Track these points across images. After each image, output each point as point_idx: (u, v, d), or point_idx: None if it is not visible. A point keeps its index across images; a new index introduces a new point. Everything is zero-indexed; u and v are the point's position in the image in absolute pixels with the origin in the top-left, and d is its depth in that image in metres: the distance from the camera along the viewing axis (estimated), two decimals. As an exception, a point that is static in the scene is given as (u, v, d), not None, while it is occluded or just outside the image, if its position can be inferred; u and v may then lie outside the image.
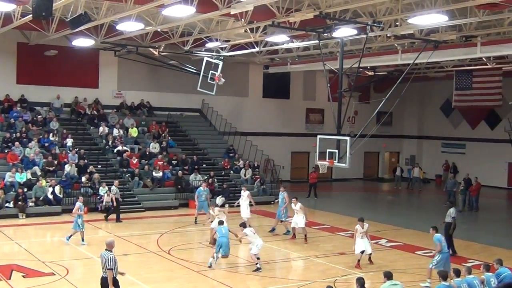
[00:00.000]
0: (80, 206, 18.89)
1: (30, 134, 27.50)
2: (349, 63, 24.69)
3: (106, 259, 11.28)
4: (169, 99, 33.72)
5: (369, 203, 32.42)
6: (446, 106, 40.31)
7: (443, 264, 14.67)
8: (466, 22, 20.41)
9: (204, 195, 23.30)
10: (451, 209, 18.71)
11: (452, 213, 18.60)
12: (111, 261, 11.22)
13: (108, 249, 11.48)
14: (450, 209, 18.76)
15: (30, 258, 16.77)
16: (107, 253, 11.39)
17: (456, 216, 18.90)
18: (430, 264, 15.06)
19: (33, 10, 14.37)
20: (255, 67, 36.71)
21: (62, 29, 23.65)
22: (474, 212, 28.53)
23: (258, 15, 20.52)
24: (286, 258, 17.97)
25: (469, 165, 37.28)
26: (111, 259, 11.24)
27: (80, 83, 31.09)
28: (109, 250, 11.48)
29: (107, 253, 11.39)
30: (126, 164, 27.79)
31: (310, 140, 32.21)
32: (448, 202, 19.47)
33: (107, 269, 11.21)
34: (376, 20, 19.94)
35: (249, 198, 22.72)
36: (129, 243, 19.07)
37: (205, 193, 23.42)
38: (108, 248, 11.50)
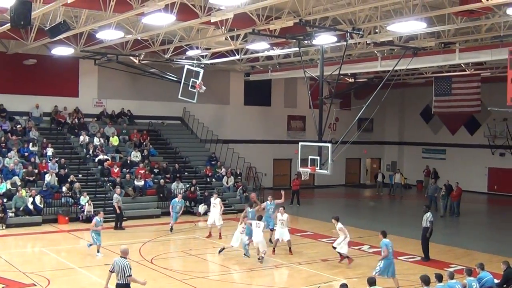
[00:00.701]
0: (96, 221, 18.59)
1: (10, 143, 27.21)
2: (330, 70, 24.82)
3: (124, 266, 11.33)
4: (150, 107, 33.61)
5: (351, 209, 32.51)
6: (426, 112, 40.67)
7: (387, 271, 14.87)
8: (445, 29, 20.65)
9: (178, 206, 22.92)
10: (427, 214, 18.72)
11: (429, 217, 18.65)
12: (128, 268, 11.34)
13: (123, 256, 11.55)
14: (426, 213, 18.75)
15: (11, 269, 16.55)
16: (123, 260, 11.44)
17: (434, 220, 18.96)
18: (374, 271, 14.95)
19: (11, 19, 14.24)
20: (236, 75, 36.75)
21: (41, 38, 23.51)
22: (455, 217, 28.74)
23: (238, 23, 20.55)
24: (270, 266, 17.93)
25: (449, 170, 37.63)
26: (128, 266, 11.36)
27: (60, 92, 30.86)
28: (124, 257, 11.54)
29: (122, 260, 11.44)
30: (107, 173, 27.60)
31: (292, 147, 32.30)
32: (424, 207, 19.40)
33: (126, 276, 11.27)
34: (356, 27, 20.08)
35: (220, 205, 22.11)
36: (111, 253, 18.88)
37: (179, 204, 23.05)
38: (123, 255, 11.57)
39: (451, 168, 38.63)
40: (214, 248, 19.93)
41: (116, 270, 11.46)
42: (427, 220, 18.64)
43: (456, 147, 39.94)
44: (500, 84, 33.06)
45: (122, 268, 11.33)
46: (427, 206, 19.46)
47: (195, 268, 17.52)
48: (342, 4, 18.02)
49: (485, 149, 38.19)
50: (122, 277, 11.33)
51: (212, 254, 19.43)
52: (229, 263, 17.90)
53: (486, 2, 14.73)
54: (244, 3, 16.89)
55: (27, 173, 25.62)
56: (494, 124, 37.62)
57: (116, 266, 11.46)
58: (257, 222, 18.05)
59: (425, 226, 18.69)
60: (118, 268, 11.42)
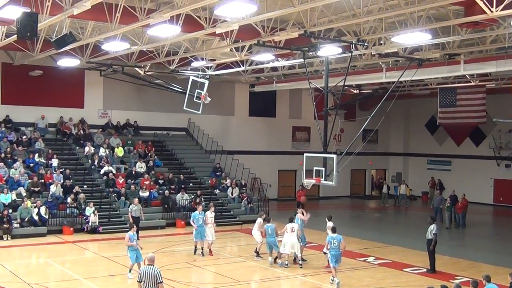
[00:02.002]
0: (130, 236, 16.97)
1: (15, 154, 27.29)
2: (335, 81, 24.82)
3: (156, 273, 11.21)
4: (155, 118, 33.69)
5: (356, 221, 32.40)
6: (431, 123, 40.58)
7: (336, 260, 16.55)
8: (449, 40, 20.67)
9: (201, 219, 20.35)
10: (432, 226, 18.61)
11: (433, 229, 18.52)
12: (160, 275, 11.25)
13: (151, 264, 11.47)
14: (431, 225, 18.65)
15: (15, 280, 16.55)
16: (152, 267, 11.36)
17: (438, 232, 18.89)
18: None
19: (18, 30, 14.34)
20: (241, 86, 36.82)
21: (47, 49, 23.64)
22: (461, 228, 28.62)
23: (243, 34, 20.64)
24: (275, 277, 17.87)
25: (455, 181, 37.52)
26: (159, 273, 11.27)
27: (66, 103, 30.99)
28: (151, 264, 11.46)
29: (151, 268, 11.36)
30: (112, 184, 27.62)
31: (296, 158, 32.20)
32: (429, 219, 19.28)
33: (157, 283, 11.16)
34: (361, 38, 20.12)
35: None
36: (115, 264, 18.88)
37: (201, 216, 20.45)
38: (150, 263, 11.49)
39: (456, 179, 38.51)
40: (218, 259, 19.88)
41: (145, 279, 11.22)
42: (431, 232, 18.55)
43: (462, 158, 39.85)
44: (505, 96, 33.25)
45: (154, 276, 11.13)
46: (432, 218, 19.34)
47: (200, 279, 17.49)
48: (347, 15, 18.07)
49: (490, 160, 38.06)
50: (153, 285, 11.14)
51: (216, 265, 19.37)
52: (235, 275, 17.84)
53: (491, 14, 14.75)
54: (249, 14, 16.97)
55: (32, 184, 25.67)
56: (499, 135, 37.55)
57: (146, 275, 11.25)
58: (291, 226, 18.50)
59: (429, 238, 18.59)
60: (148, 276, 11.19)
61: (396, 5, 16.71)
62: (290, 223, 18.88)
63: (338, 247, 16.69)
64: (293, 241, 18.55)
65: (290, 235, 18.57)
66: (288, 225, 18.76)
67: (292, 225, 18.74)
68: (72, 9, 15.86)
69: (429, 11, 17.58)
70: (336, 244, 16.67)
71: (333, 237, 16.81)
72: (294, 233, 18.57)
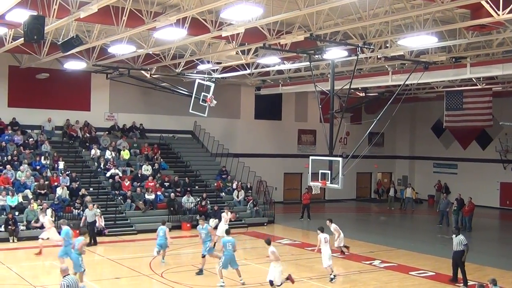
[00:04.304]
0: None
1: (22, 157, 27.37)
2: (340, 84, 24.85)
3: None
4: (161, 121, 33.75)
5: (362, 224, 32.36)
6: (437, 126, 40.50)
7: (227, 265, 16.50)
8: (456, 43, 20.66)
9: (203, 233, 18.71)
10: (461, 237, 17.46)
11: (463, 240, 17.40)
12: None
13: (67, 274, 11.64)
14: (460, 236, 17.45)
15: (21, 282, 16.59)
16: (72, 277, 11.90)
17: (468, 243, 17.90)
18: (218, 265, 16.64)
19: (24, 33, 14.40)
20: (247, 89, 36.84)
21: (54, 52, 23.73)
22: (467, 232, 28.46)
23: (249, 37, 20.67)
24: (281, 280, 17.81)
25: (461, 185, 37.41)
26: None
27: (72, 106, 31.08)
28: (68, 274, 11.67)
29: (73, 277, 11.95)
30: (118, 186, 27.67)
31: (302, 161, 32.27)
32: (454, 229, 18.13)
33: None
34: (367, 41, 20.12)
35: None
36: (121, 266, 18.91)
37: (204, 231, 18.74)
38: (66, 274, 11.61)
39: (462, 182, 38.39)
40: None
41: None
42: (461, 243, 17.33)
43: (468, 161, 39.74)
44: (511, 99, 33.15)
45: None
46: (457, 228, 18.26)
47: (205, 282, 17.46)
48: (353, 18, 18.08)
49: (497, 163, 37.93)
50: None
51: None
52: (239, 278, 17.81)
53: (497, 17, 14.72)
54: (255, 17, 17.00)
55: (38, 186, 25.75)
56: (506, 138, 37.45)
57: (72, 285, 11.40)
58: (324, 236, 17.82)
59: (460, 249, 17.36)
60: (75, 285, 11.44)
61: (402, 8, 16.70)
62: (322, 233, 17.88)
63: (232, 250, 16.69)
64: (330, 252, 17.79)
65: (325, 245, 17.73)
66: (320, 235, 17.87)
67: (325, 235, 17.86)
68: (78, 12, 15.94)
69: (435, 14, 17.56)
70: (230, 247, 16.65)
71: (228, 240, 16.82)
72: (327, 244, 17.75)
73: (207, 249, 18.16)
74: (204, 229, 18.53)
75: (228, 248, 16.61)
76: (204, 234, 18.38)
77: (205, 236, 18.35)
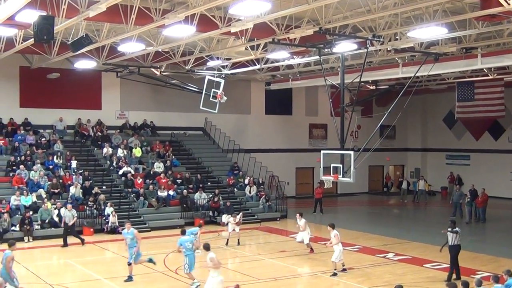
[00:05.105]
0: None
1: (35, 157, 27.55)
2: (351, 77, 24.75)
3: None
4: (172, 118, 33.83)
5: (375, 217, 32.30)
6: (449, 118, 40.27)
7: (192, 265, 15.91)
8: (466, 34, 20.50)
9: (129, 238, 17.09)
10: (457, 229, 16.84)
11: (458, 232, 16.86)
12: None
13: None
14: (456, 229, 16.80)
15: (37, 281, 16.73)
16: None
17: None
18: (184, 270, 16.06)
19: (34, 34, 14.47)
20: (257, 84, 36.83)
21: (64, 52, 23.83)
22: (481, 223, 28.41)
23: (258, 33, 20.64)
24: (294, 275, 17.87)
25: (474, 176, 37.20)
26: None
27: (83, 105, 31.23)
28: None
29: None
30: (130, 184, 27.79)
31: (314, 155, 32.20)
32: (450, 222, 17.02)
33: None
34: (376, 34, 20.03)
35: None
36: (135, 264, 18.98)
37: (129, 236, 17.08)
38: None
39: (475, 174, 38.18)
40: (237, 258, 19.93)
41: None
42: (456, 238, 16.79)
43: (480, 152, 39.50)
44: (524, 88, 32.90)
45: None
46: (452, 222, 17.24)
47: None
48: (362, 11, 18.00)
49: (510, 154, 37.64)
50: None
51: (235, 263, 19.43)
52: (254, 273, 17.87)
53: (507, 6, 14.59)
54: (264, 12, 16.98)
55: (52, 185, 25.91)
56: (518, 128, 37.20)
57: None
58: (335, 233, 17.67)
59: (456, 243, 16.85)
60: None
61: (411, 0, 16.61)
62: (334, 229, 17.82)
63: (192, 249, 16.14)
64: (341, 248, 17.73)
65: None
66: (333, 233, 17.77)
67: (336, 232, 17.80)
68: (87, 12, 15.99)
69: (444, 5, 17.47)
70: (190, 246, 16.10)
71: (186, 240, 16.26)
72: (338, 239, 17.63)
73: (133, 257, 16.61)
74: (129, 234, 16.90)
75: (188, 247, 16.01)
76: (129, 239, 16.83)
77: (130, 241, 16.78)
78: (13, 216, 23.66)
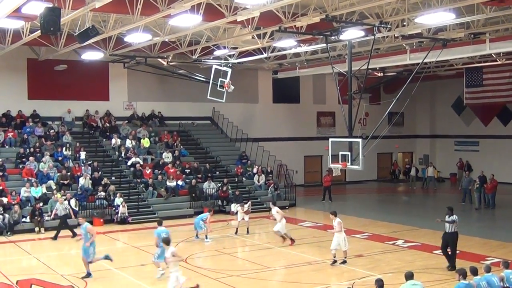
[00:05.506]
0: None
1: (44, 148, 27.68)
2: (358, 65, 24.64)
3: None
4: (180, 108, 33.87)
5: (384, 204, 32.28)
6: (458, 104, 40.12)
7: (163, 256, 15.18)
8: (474, 19, 20.37)
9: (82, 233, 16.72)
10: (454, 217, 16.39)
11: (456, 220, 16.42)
12: None
13: None
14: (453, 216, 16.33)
15: (49, 271, 16.86)
16: None
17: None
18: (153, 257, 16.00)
19: (41, 26, 14.49)
20: (264, 73, 36.77)
21: (71, 43, 23.88)
22: (490, 209, 28.34)
23: (264, 21, 20.59)
24: (304, 262, 17.92)
25: (483, 162, 37.04)
26: None
27: (91, 96, 31.31)
28: None
29: None
30: (139, 174, 27.89)
31: (322, 143, 32.20)
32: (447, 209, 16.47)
33: None
34: (383, 21, 19.93)
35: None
36: (146, 253, 19.09)
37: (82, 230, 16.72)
38: None
39: (484, 160, 38.02)
40: (247, 246, 20.01)
41: None
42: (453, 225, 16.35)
43: (490, 138, 39.33)
44: (533, 73, 32.66)
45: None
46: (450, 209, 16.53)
47: (229, 266, 17.60)
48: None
49: (519, 139, 37.53)
50: None
51: (245, 252, 19.50)
52: (263, 261, 17.94)
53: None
54: (270, 1, 16.90)
55: (61, 177, 26.04)
56: (528, 114, 37.00)
57: None
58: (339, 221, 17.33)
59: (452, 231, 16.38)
60: None
61: (418, -15, 16.50)
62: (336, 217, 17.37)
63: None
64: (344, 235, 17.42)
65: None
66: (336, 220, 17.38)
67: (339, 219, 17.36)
68: (93, 3, 15.98)
69: (452, -10, 17.34)
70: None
71: (162, 231, 16.19)
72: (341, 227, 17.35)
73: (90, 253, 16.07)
74: (83, 228, 16.48)
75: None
76: (83, 233, 16.44)
77: (84, 236, 16.30)
78: (23, 207, 23.81)
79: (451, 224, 16.35)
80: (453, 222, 16.34)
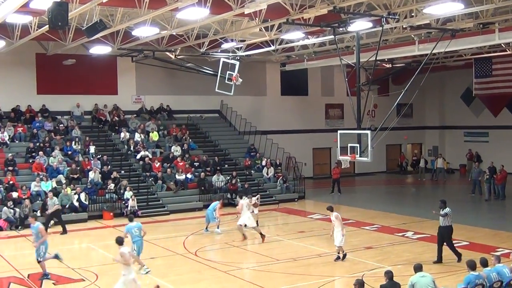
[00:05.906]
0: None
1: (53, 143, 27.80)
2: (366, 56, 24.56)
3: None
4: (188, 101, 33.89)
5: (393, 196, 32.22)
6: (467, 94, 39.90)
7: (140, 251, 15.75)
8: (483, 9, 20.20)
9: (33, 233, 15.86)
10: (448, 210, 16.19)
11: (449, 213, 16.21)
12: None
13: None
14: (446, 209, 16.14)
15: (59, 265, 16.92)
16: None
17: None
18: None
19: (49, 20, 14.50)
20: (272, 66, 36.71)
21: (79, 37, 23.91)
22: (500, 200, 28.23)
23: (272, 13, 20.53)
24: (313, 255, 17.93)
25: (492, 153, 36.84)
26: None
27: (99, 90, 31.39)
28: None
29: None
30: (148, 168, 27.96)
31: (331, 135, 32.17)
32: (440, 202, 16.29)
33: None
34: (391, 12, 19.83)
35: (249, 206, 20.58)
36: (155, 246, 19.19)
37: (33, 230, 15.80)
38: None
39: (494, 150, 37.79)
40: (255, 239, 20.04)
41: None
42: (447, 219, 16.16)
43: (499, 129, 39.09)
44: (542, 63, 32.41)
45: None
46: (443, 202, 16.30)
47: (239, 259, 17.65)
48: (376, -11, 17.81)
49: (529, 130, 37.31)
50: None
51: (255, 245, 19.53)
52: (273, 253, 17.97)
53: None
54: (277, -7, 16.85)
55: (71, 171, 26.16)
56: (538, 103, 36.74)
57: None
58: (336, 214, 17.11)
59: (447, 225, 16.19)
60: None
61: (426, -24, 16.39)
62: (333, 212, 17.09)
63: (140, 235, 15.95)
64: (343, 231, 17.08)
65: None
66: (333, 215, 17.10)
67: (336, 213, 17.17)
68: (101, -3, 15.99)
69: (460, -20, 17.21)
70: (137, 232, 15.90)
71: (133, 226, 15.99)
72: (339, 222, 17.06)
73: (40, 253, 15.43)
74: (33, 228, 15.69)
75: (135, 234, 15.82)
76: (34, 234, 15.72)
77: (35, 236, 15.61)
78: (33, 202, 23.94)
79: (444, 217, 16.14)
80: (446, 215, 16.12)
